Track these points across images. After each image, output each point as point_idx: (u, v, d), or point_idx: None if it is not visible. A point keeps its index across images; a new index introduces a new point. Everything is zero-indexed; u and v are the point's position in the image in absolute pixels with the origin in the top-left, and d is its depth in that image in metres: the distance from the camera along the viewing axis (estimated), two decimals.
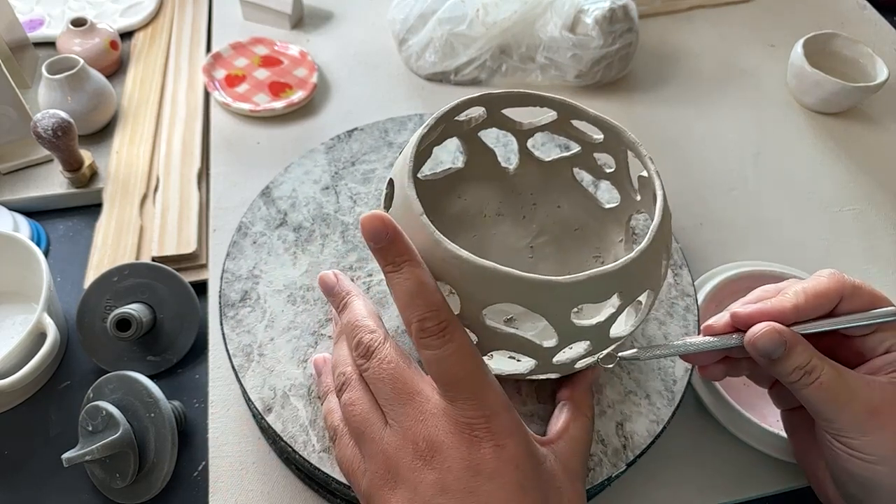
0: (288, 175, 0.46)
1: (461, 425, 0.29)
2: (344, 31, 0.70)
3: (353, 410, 0.31)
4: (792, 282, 0.36)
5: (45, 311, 0.43)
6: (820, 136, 0.63)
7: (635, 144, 0.35)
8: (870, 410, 0.32)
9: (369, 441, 0.30)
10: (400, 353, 0.31)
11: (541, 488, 0.29)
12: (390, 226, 0.29)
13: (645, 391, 0.38)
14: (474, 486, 0.28)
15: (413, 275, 0.29)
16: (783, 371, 0.33)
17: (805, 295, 0.34)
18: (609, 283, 0.29)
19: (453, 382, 0.29)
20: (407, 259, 0.29)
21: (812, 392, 0.32)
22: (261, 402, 0.36)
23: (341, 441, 0.32)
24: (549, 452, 0.31)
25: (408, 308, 0.29)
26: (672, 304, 0.42)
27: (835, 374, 0.32)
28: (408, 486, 0.29)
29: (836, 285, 0.34)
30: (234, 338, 0.38)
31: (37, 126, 0.49)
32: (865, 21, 0.76)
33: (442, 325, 0.29)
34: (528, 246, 0.43)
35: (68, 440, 0.42)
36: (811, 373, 0.32)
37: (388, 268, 0.29)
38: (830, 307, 0.34)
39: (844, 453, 0.33)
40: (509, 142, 0.46)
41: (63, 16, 0.70)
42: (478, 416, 0.29)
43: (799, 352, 0.32)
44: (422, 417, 0.29)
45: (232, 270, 0.41)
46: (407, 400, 0.30)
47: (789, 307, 0.33)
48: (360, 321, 0.32)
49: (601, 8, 0.59)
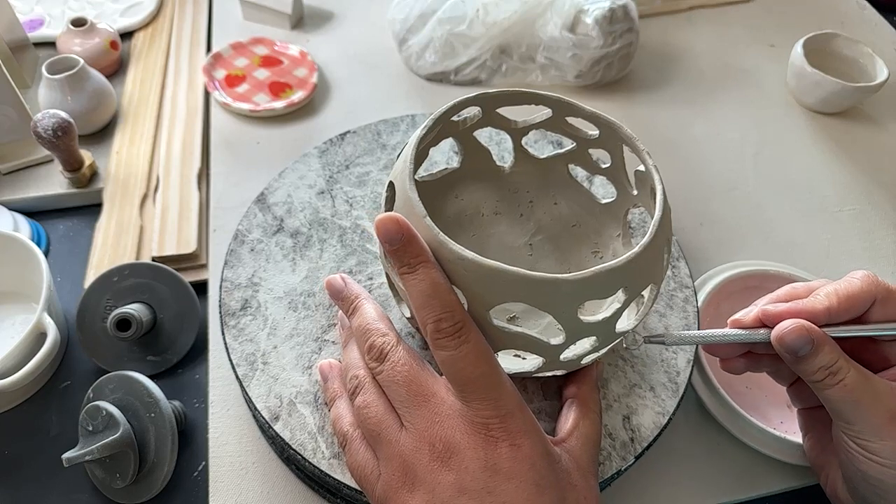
0: (282, 180, 0.46)
1: (477, 426, 0.29)
2: (344, 31, 0.70)
3: (367, 413, 0.31)
4: (823, 282, 0.35)
5: (45, 311, 0.43)
6: (820, 136, 0.63)
7: (632, 139, 0.35)
8: (891, 416, 0.32)
9: (385, 444, 0.30)
10: (413, 355, 0.31)
11: (557, 486, 0.29)
12: (405, 227, 0.29)
13: (649, 384, 0.38)
14: (492, 486, 0.28)
15: (428, 276, 0.29)
16: (808, 369, 0.32)
17: (837, 297, 0.33)
18: (615, 278, 0.29)
19: (468, 383, 0.29)
20: (422, 260, 0.29)
21: (835, 393, 0.32)
22: (267, 411, 0.36)
23: (352, 446, 0.32)
24: (562, 451, 0.31)
25: (423, 309, 0.29)
26: (671, 296, 0.42)
27: (859, 377, 0.32)
28: (426, 488, 0.29)
29: (870, 288, 0.33)
30: (236, 347, 0.38)
31: (37, 126, 0.49)
32: (865, 21, 0.76)
33: (457, 326, 0.29)
34: (527, 244, 0.43)
35: (68, 440, 0.42)
36: (836, 374, 0.32)
37: (403, 269, 0.29)
38: (863, 310, 0.34)
39: (861, 455, 0.33)
40: (502, 140, 0.46)
41: (63, 16, 0.70)
42: (493, 415, 0.29)
43: (825, 351, 0.32)
44: (437, 419, 0.29)
45: (231, 279, 0.41)
46: (422, 402, 0.30)
47: (821, 309, 0.33)
48: (371, 324, 0.32)
49: (601, 8, 0.59)
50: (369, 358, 0.32)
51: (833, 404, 0.33)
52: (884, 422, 0.32)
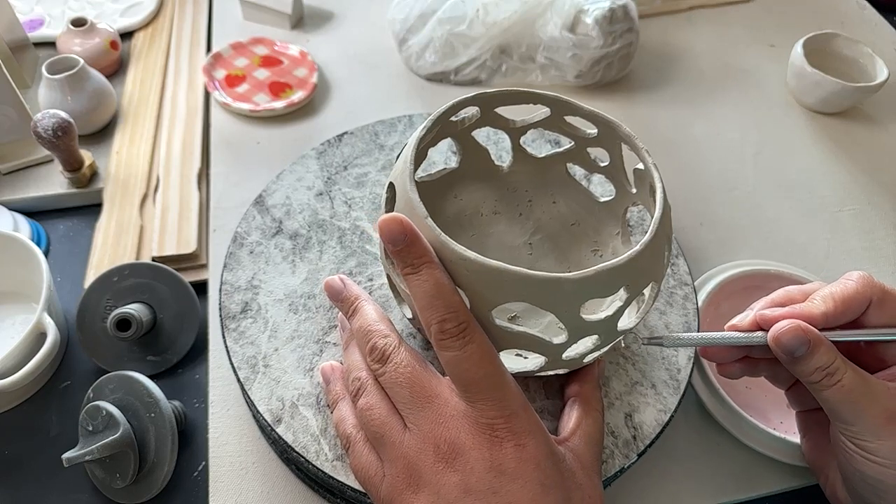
0: (280, 182, 0.46)
1: (482, 426, 0.29)
2: (344, 31, 0.70)
3: (370, 415, 0.31)
4: (819, 285, 0.35)
5: (45, 311, 0.43)
6: (820, 136, 0.63)
7: (631, 137, 0.35)
8: (889, 416, 0.32)
9: (389, 445, 0.30)
10: (415, 355, 0.31)
11: (562, 486, 0.29)
12: (408, 228, 0.29)
13: (651, 381, 0.38)
14: (497, 486, 0.28)
15: (432, 277, 0.29)
16: (805, 370, 0.32)
17: (834, 301, 0.33)
18: (617, 277, 0.29)
19: (473, 383, 0.29)
20: (426, 261, 0.29)
21: (832, 394, 0.32)
22: (269, 414, 0.36)
23: (355, 448, 0.32)
24: (566, 450, 0.31)
25: (427, 310, 0.29)
26: (671, 293, 0.42)
27: (856, 378, 0.32)
28: (431, 489, 0.29)
29: (865, 290, 0.33)
30: (237, 350, 0.38)
31: (37, 126, 0.49)
32: (865, 21, 0.76)
33: (462, 327, 0.29)
34: (527, 243, 0.43)
35: (68, 440, 0.42)
36: (833, 374, 0.32)
37: (407, 269, 0.29)
38: (859, 312, 0.34)
39: (859, 456, 0.33)
40: (500, 139, 0.46)
41: (63, 16, 0.70)
42: (498, 416, 0.29)
43: (822, 352, 0.32)
44: (441, 420, 0.29)
45: (230, 282, 0.41)
46: (426, 403, 0.30)
47: (818, 314, 0.33)
48: (372, 326, 0.32)
49: (601, 8, 0.59)
50: (371, 360, 0.32)
51: (831, 405, 0.33)
52: (881, 422, 0.32)
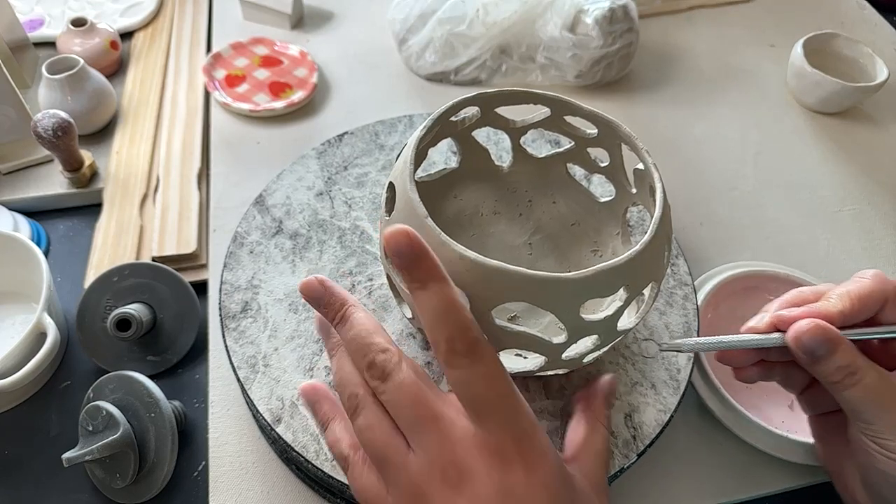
0: (280, 182, 0.46)
1: (491, 450, 0.27)
2: (344, 31, 0.70)
3: (370, 436, 0.29)
4: (829, 286, 0.35)
5: (45, 311, 0.43)
6: (820, 136, 0.63)
7: (631, 137, 0.35)
8: None
9: (393, 468, 0.29)
10: (418, 372, 0.30)
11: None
12: (416, 242, 0.27)
13: (651, 381, 0.38)
14: None
15: (441, 293, 0.27)
16: (825, 370, 0.32)
17: (850, 299, 0.33)
18: (617, 276, 0.29)
19: (483, 404, 0.28)
20: (434, 276, 0.28)
21: (854, 393, 0.32)
22: (269, 414, 0.36)
23: (355, 469, 0.30)
24: (575, 470, 0.31)
25: (435, 327, 0.28)
26: (671, 293, 0.42)
27: (878, 377, 0.32)
28: None
29: (882, 287, 0.33)
30: (237, 349, 0.38)
31: (37, 126, 0.49)
32: (865, 21, 0.76)
33: (472, 346, 0.27)
34: (527, 243, 0.43)
35: (68, 440, 0.42)
36: (855, 374, 0.32)
37: (415, 285, 0.28)
38: (875, 310, 0.33)
39: (881, 455, 0.32)
40: (500, 140, 0.46)
41: (63, 16, 0.70)
42: (508, 439, 0.28)
43: (843, 351, 0.32)
44: (448, 443, 0.28)
45: (230, 282, 0.41)
46: (431, 425, 0.28)
47: (836, 312, 0.33)
48: (368, 338, 0.30)
49: (601, 8, 0.59)
50: (370, 376, 0.30)
51: (852, 405, 0.33)
52: None
